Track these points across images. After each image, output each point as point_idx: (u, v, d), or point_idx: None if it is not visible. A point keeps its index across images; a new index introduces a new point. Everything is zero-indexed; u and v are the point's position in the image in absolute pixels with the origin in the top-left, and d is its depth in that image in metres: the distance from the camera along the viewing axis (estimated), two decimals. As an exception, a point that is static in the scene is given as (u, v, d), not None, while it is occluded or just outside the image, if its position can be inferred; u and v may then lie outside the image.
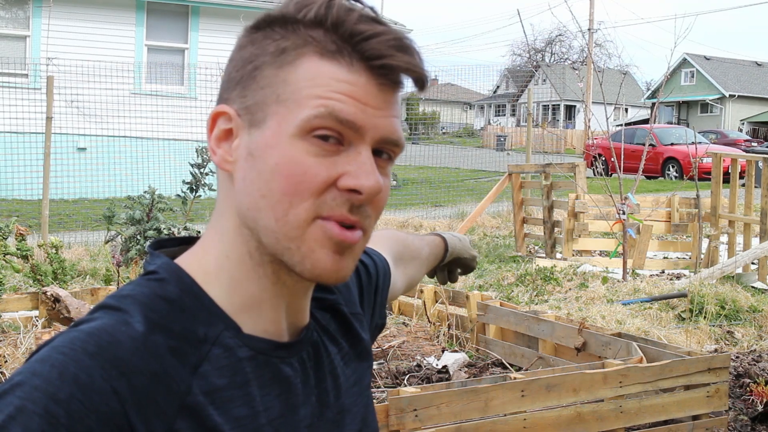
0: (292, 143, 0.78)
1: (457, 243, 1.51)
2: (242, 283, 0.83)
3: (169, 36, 14.96)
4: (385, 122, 0.81)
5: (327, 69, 0.79)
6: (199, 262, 0.84)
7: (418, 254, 1.39)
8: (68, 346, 0.73)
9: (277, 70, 0.81)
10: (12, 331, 4.63)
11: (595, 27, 28.62)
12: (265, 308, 0.84)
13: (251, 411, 0.80)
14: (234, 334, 0.81)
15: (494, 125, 44.07)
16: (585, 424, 3.33)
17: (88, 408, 0.70)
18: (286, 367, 0.85)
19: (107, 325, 0.76)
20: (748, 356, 5.02)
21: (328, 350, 0.92)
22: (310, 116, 0.78)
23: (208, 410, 0.77)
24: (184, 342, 0.78)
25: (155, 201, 5.95)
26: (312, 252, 0.79)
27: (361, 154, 0.80)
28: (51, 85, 9.09)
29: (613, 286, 6.70)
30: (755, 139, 34.23)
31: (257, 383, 0.81)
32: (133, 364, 0.74)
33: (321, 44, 0.80)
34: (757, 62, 47.22)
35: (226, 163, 0.83)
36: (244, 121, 0.82)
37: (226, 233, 0.84)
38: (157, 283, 0.82)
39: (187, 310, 0.80)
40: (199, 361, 0.78)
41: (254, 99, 0.81)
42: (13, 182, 12.42)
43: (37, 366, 0.72)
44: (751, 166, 8.08)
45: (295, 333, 0.88)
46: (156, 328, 0.77)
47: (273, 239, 0.80)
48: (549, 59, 56.11)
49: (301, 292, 0.86)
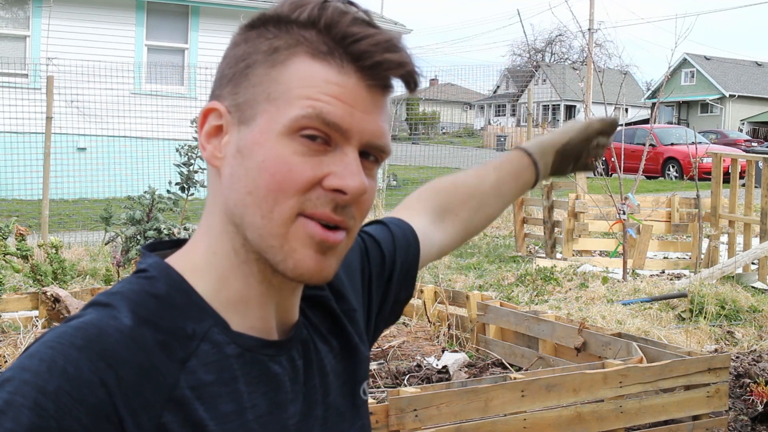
0: (280, 141, 0.79)
1: (546, 139, 1.34)
2: (229, 279, 0.84)
3: (169, 36, 14.96)
4: (372, 126, 0.82)
5: (318, 70, 0.80)
6: (188, 258, 0.85)
7: (476, 190, 1.27)
8: (56, 341, 0.74)
9: (269, 68, 0.81)
10: (12, 331, 4.63)
11: (595, 27, 28.59)
12: (253, 305, 0.85)
13: (238, 407, 0.80)
14: (222, 330, 0.82)
15: (494, 125, 44.07)
16: (585, 424, 3.32)
17: (76, 400, 0.71)
18: (274, 365, 0.85)
19: (95, 319, 0.77)
20: (748, 356, 5.02)
21: (318, 348, 0.93)
22: (297, 116, 0.79)
23: (195, 404, 0.77)
24: (172, 337, 0.79)
25: (155, 201, 5.95)
26: (294, 251, 0.80)
27: (347, 155, 0.80)
28: (51, 85, 9.09)
29: (613, 286, 6.70)
30: (755, 139, 34.23)
31: (244, 380, 0.82)
32: (120, 356, 0.75)
33: (313, 45, 0.81)
34: (757, 62, 47.22)
35: (215, 159, 0.84)
36: (234, 118, 0.83)
37: (213, 228, 0.85)
38: (147, 280, 0.83)
39: (176, 307, 0.81)
40: (187, 356, 0.79)
41: (245, 97, 0.82)
42: (13, 182, 12.42)
43: (26, 361, 0.74)
44: (751, 166, 8.08)
45: (284, 330, 0.89)
46: (144, 323, 0.78)
47: (258, 236, 0.80)
48: (549, 59, 56.10)
49: (288, 291, 0.87)
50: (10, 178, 12.44)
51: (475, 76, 31.97)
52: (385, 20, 17.07)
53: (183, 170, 6.97)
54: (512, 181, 1.29)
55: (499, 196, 1.29)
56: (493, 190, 1.28)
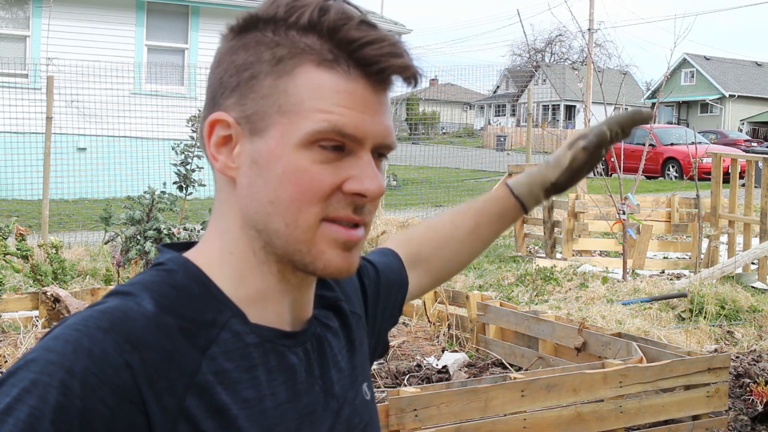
0: (297, 153, 0.81)
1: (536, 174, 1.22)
2: (247, 277, 0.86)
3: (169, 36, 14.95)
4: (381, 127, 0.84)
5: (326, 79, 0.81)
6: (203, 255, 0.87)
7: (450, 238, 1.24)
8: (82, 323, 0.76)
9: (276, 80, 0.82)
10: (12, 331, 4.63)
11: (595, 27, 28.58)
12: (270, 302, 0.87)
13: (258, 394, 0.82)
14: (241, 321, 0.84)
15: (494, 125, 44.07)
16: (585, 424, 3.33)
17: (102, 381, 0.73)
18: (291, 355, 0.87)
19: (120, 304, 0.79)
20: (748, 356, 5.02)
21: (331, 344, 0.95)
22: (313, 131, 0.81)
23: (217, 389, 0.79)
24: (193, 324, 0.81)
25: (155, 201, 5.95)
26: (323, 253, 0.83)
27: (362, 159, 0.83)
28: (51, 85, 9.09)
29: (613, 286, 6.70)
30: (755, 139, 34.23)
31: (264, 369, 0.84)
32: (145, 339, 0.76)
33: (318, 53, 0.82)
34: (757, 62, 47.21)
35: (229, 170, 0.85)
36: (244, 129, 0.84)
37: (228, 232, 0.86)
38: (166, 272, 0.85)
39: (195, 297, 0.83)
40: (209, 343, 0.81)
41: (254, 108, 0.83)
42: (13, 182, 12.42)
43: (50, 342, 0.75)
44: (751, 166, 8.08)
45: (299, 325, 0.91)
46: (165, 310, 0.80)
47: (284, 242, 0.83)
48: (549, 59, 56.07)
49: (305, 287, 0.89)
50: (10, 178, 12.43)
51: (475, 76, 31.94)
52: (385, 20, 17.07)
53: (180, 169, 6.97)
54: (495, 223, 1.24)
55: (479, 241, 1.25)
56: (469, 237, 1.24)
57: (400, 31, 17.17)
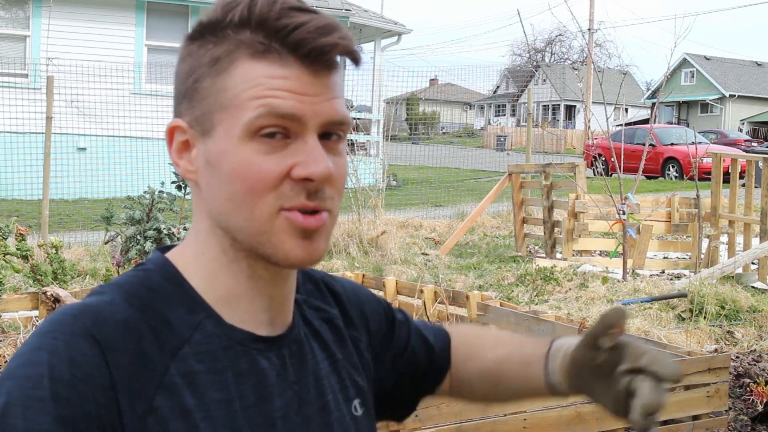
0: (242, 146, 0.83)
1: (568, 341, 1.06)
2: (219, 276, 0.88)
3: (169, 36, 14.95)
4: (325, 106, 0.84)
5: (260, 68, 0.83)
6: (182, 257, 0.90)
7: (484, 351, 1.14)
8: (58, 331, 0.79)
9: (215, 79, 0.84)
10: (12, 331, 4.63)
11: (595, 27, 28.64)
12: (243, 300, 0.88)
13: (226, 396, 0.84)
14: (215, 322, 0.86)
15: (494, 125, 44.09)
16: (585, 424, 3.32)
17: (89, 384, 0.76)
18: (263, 359, 0.88)
19: (91, 304, 0.82)
20: (748, 356, 5.02)
21: (315, 352, 0.96)
22: (252, 118, 0.82)
23: (184, 391, 0.81)
24: (164, 325, 0.83)
25: (155, 201, 5.95)
26: (282, 243, 0.84)
27: (307, 143, 0.83)
28: (51, 85, 9.09)
29: (613, 286, 6.70)
30: (755, 139, 34.24)
31: (233, 372, 0.85)
32: (116, 339, 0.79)
33: (250, 46, 0.83)
34: (757, 62, 47.22)
35: (189, 173, 0.88)
36: (196, 132, 0.87)
37: (200, 233, 0.90)
38: (143, 273, 0.88)
39: (169, 298, 0.86)
40: (180, 344, 0.83)
41: (201, 110, 0.86)
42: (13, 182, 12.42)
43: (34, 355, 0.78)
44: (751, 166, 8.08)
45: (279, 328, 0.92)
46: (137, 311, 0.83)
47: (246, 236, 0.85)
48: (549, 59, 56.08)
49: (280, 282, 0.90)
50: (10, 178, 12.43)
51: (474, 76, 31.93)
52: (385, 20, 17.06)
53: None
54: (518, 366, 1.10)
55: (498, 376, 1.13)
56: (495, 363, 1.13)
57: (400, 31, 17.17)
